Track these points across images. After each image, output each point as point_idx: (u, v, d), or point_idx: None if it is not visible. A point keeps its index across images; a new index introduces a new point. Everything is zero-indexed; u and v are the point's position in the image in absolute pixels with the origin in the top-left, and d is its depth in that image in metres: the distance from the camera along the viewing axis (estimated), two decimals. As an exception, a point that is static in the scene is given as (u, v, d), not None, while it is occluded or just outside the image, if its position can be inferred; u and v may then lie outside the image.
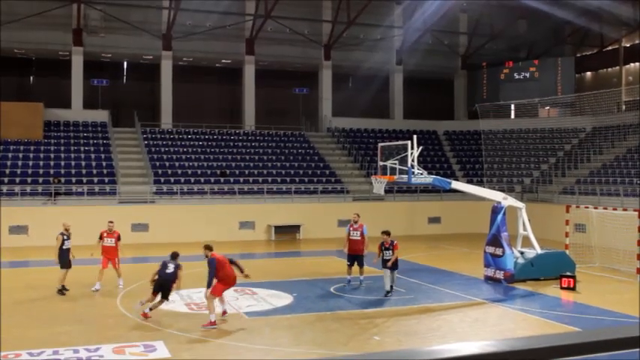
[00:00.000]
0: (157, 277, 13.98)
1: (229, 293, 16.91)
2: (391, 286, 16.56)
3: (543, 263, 18.90)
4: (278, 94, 42.92)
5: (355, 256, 18.03)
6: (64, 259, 16.82)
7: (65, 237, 16.95)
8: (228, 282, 13.81)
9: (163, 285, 13.90)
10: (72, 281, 17.30)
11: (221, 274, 13.62)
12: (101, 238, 17.73)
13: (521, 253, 19.40)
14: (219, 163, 34.49)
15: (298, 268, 22.38)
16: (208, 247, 13.88)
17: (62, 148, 33.46)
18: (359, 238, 18.03)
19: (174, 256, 14.37)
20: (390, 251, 16.34)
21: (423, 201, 34.12)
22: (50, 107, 35.34)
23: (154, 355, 11.26)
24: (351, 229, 18.21)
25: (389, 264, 16.27)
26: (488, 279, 19.05)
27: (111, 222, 18.05)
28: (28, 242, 27.00)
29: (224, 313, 14.19)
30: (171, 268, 14.00)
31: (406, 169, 18.09)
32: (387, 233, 16.65)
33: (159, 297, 13.97)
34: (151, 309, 13.90)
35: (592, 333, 1.74)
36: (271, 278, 19.57)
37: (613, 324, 13.54)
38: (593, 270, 20.79)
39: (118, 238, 17.81)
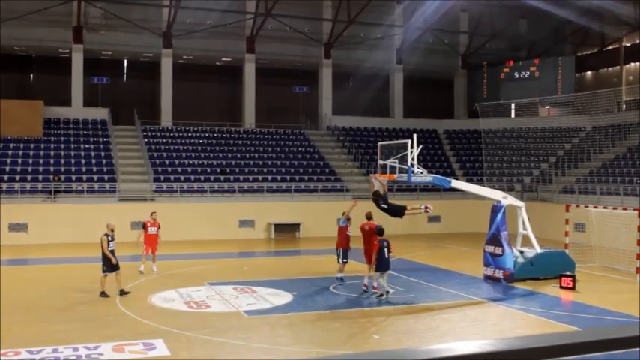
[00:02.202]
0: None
1: (229, 291, 16.94)
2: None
3: (543, 262, 18.89)
4: (278, 92, 42.92)
5: (348, 251, 18.20)
6: (110, 261, 16.04)
7: (110, 238, 16.18)
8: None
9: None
10: (72, 280, 17.31)
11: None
12: (145, 228, 19.65)
13: (521, 252, 19.40)
14: (219, 162, 34.49)
15: (298, 266, 22.39)
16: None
17: (62, 145, 33.45)
18: (350, 233, 18.23)
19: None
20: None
21: (423, 200, 33.96)
22: (50, 105, 35.32)
23: (154, 354, 11.25)
24: (349, 224, 18.31)
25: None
26: (488, 278, 19.04)
27: (154, 212, 20.29)
28: (28, 240, 27.03)
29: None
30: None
31: (406, 168, 18.09)
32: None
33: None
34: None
35: (591, 332, 1.74)
36: (271, 277, 19.60)
37: (612, 323, 13.55)
38: (592, 269, 20.79)
39: (159, 227, 19.80)
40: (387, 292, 15.98)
